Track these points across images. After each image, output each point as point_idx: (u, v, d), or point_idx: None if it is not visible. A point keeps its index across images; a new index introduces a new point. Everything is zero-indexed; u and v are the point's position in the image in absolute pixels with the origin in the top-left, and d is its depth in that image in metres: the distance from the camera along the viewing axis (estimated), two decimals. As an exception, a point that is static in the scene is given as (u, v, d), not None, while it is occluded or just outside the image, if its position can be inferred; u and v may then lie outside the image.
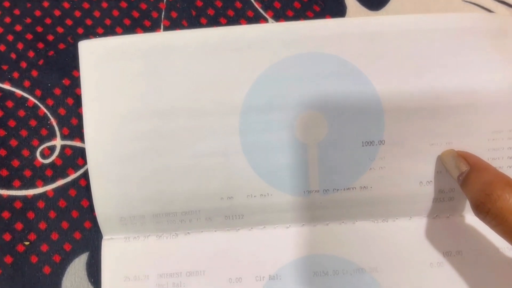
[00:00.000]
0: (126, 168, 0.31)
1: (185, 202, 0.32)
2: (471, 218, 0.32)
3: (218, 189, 0.32)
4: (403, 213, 0.32)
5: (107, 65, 0.31)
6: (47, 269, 0.33)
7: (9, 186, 0.34)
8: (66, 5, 0.37)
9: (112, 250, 0.33)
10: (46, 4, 0.37)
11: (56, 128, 0.35)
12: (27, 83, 0.36)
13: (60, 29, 0.37)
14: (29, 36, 0.36)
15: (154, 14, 0.37)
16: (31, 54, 0.36)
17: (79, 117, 0.35)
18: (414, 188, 0.32)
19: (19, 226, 0.34)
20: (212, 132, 0.31)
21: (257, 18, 0.37)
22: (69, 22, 0.37)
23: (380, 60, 0.31)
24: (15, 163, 0.35)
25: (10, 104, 0.35)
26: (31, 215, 0.34)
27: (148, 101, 0.31)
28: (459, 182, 0.30)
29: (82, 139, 0.35)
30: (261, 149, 0.31)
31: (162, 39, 0.31)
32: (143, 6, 0.38)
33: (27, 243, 0.34)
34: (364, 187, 0.32)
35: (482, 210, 0.27)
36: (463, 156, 0.30)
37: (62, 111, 0.35)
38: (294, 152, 0.31)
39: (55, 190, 0.34)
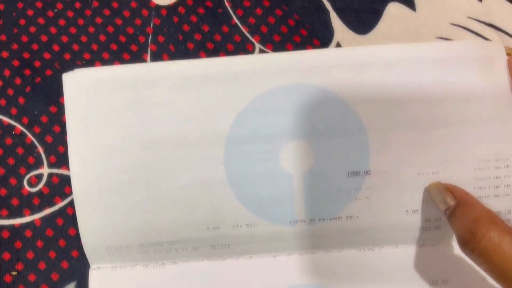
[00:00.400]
0: (112, 199, 0.31)
1: (171, 232, 0.32)
2: (458, 247, 0.32)
3: (204, 219, 0.32)
4: (389, 242, 0.32)
5: (91, 96, 0.31)
6: None
7: (-4, 215, 0.34)
8: (53, 30, 0.37)
9: (99, 279, 0.32)
10: (33, 29, 0.37)
11: (43, 156, 0.35)
12: (14, 111, 0.36)
13: (47, 55, 0.37)
14: (16, 63, 0.36)
15: (141, 39, 0.37)
16: (18, 81, 0.36)
17: (66, 145, 0.34)
18: (400, 217, 0.32)
19: (6, 256, 0.34)
20: (197, 163, 0.31)
21: (244, 43, 0.37)
22: (56, 47, 0.37)
23: (366, 91, 0.31)
24: (2, 191, 0.35)
25: (-3, 132, 0.35)
26: (18, 244, 0.34)
27: (133, 133, 0.31)
28: (446, 216, 0.30)
29: (69, 167, 0.35)
30: (246, 179, 0.31)
31: (146, 70, 0.31)
32: (130, 30, 0.38)
33: (14, 273, 0.34)
34: (350, 216, 0.32)
35: (468, 248, 0.27)
36: (450, 190, 0.30)
37: (49, 139, 0.35)
38: (279, 182, 0.31)
39: (42, 219, 0.34)
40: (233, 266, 0.32)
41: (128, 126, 0.31)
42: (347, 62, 0.31)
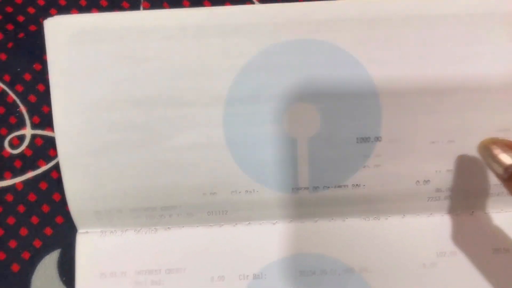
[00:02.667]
0: (100, 160, 0.29)
1: (164, 197, 0.29)
2: (467, 218, 0.30)
3: (200, 184, 0.29)
4: (396, 211, 0.30)
5: (77, 46, 0.28)
6: (15, 267, 0.31)
7: (-25, 177, 0.31)
8: (38, -18, 0.34)
9: (87, 244, 0.30)
10: (16, -20, 0.34)
11: (26, 116, 0.32)
12: None
13: (31, 10, 0.33)
14: (-2, 16, 0.33)
15: (133, -7, 0.34)
16: (-1, 35, 0.33)
17: (51, 105, 0.32)
18: (410, 187, 0.29)
19: None
20: (193, 124, 0.28)
21: (243, 0, 0.34)
22: (41, 2, 0.34)
23: (379, 49, 0.28)
24: None
25: (-24, 88, 0.32)
26: None
27: (123, 89, 0.28)
28: (505, 175, 0.25)
29: (54, 128, 0.32)
30: (246, 142, 0.29)
31: (139, 18, 0.28)
32: (122, -16, 0.34)
33: None
34: (357, 185, 0.29)
35: None
36: (510, 146, 0.26)
37: (32, 98, 0.32)
38: (282, 147, 0.29)
39: (24, 182, 0.32)
40: (230, 233, 0.30)
41: (118, 81, 0.28)
42: (361, 16, 0.28)
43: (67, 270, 0.31)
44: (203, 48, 0.28)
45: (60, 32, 0.28)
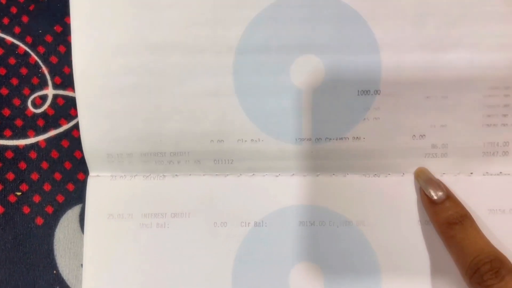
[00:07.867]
0: (115, 103, 0.34)
1: (174, 143, 0.34)
2: (464, 178, 0.35)
3: (209, 131, 0.34)
4: (396, 169, 0.34)
5: None
6: (39, 220, 0.36)
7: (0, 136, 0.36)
8: None
9: (97, 187, 0.35)
10: None
11: (48, 77, 0.37)
12: (17, 30, 0.37)
13: (51, -27, 0.37)
14: (20, -21, 0.37)
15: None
16: (21, -2, 0.37)
17: (72, 65, 0.37)
18: (406, 141, 0.34)
19: (10, 176, 0.36)
20: (205, 70, 0.33)
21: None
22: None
23: (382, 6, 0.33)
24: (6, 112, 0.36)
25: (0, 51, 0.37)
26: (22, 165, 0.36)
27: (141, 35, 0.33)
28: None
29: (75, 88, 0.36)
30: (254, 91, 0.33)
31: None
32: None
33: (19, 193, 0.36)
34: (357, 137, 0.34)
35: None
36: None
37: (54, 59, 0.37)
38: (288, 97, 0.34)
39: (47, 140, 0.36)
40: (234, 183, 0.35)
41: (135, 27, 0.33)
42: None
43: (89, 224, 0.35)
44: None
45: None
